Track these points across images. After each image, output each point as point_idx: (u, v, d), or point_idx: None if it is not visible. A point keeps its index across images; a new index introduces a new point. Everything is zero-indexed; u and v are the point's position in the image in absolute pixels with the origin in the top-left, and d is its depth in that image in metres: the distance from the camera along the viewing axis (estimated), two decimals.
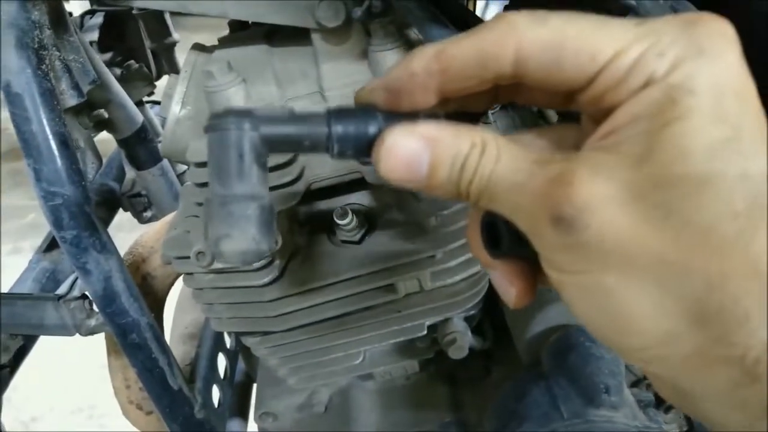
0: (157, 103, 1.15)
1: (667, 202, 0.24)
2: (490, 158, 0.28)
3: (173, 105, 0.59)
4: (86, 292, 0.64)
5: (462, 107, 0.32)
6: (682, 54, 0.25)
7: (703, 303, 0.24)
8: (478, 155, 0.28)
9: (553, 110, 0.60)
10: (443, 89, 0.29)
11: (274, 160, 0.56)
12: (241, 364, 1.07)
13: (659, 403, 0.70)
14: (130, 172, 0.99)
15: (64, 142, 0.57)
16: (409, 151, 0.28)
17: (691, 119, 0.24)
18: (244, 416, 1.05)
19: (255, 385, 0.99)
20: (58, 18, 0.62)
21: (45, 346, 0.79)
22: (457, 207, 0.57)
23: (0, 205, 3.27)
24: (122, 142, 0.92)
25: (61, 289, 0.62)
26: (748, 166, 0.23)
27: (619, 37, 0.26)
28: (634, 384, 0.71)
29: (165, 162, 0.99)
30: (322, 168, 0.59)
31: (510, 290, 0.33)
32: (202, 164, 0.57)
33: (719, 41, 0.25)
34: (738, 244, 0.23)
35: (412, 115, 0.30)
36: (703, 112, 0.24)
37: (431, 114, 0.31)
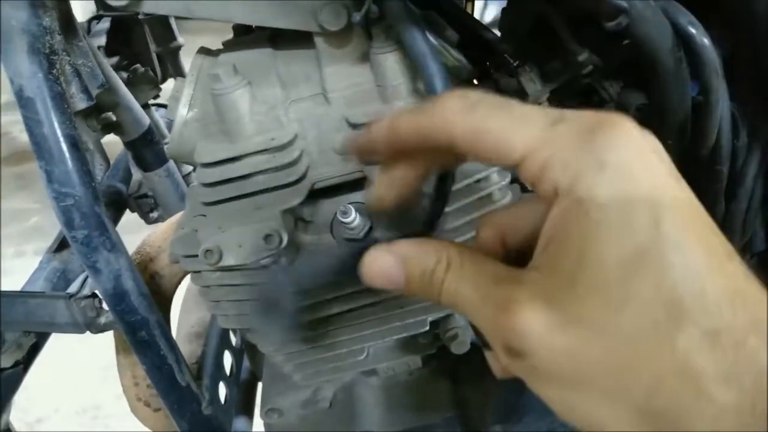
0: (163, 106, 1.16)
1: (595, 320, 0.26)
2: (454, 275, 0.31)
3: (180, 107, 0.61)
4: (96, 291, 0.65)
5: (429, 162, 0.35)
6: (583, 167, 0.26)
7: (648, 406, 0.25)
8: (443, 271, 0.32)
9: (548, 106, 0.61)
10: (399, 149, 0.34)
11: (279, 159, 0.58)
12: (246, 364, 1.08)
13: None
14: (137, 174, 1.01)
15: (75, 145, 0.59)
16: (386, 265, 0.34)
17: (600, 235, 0.26)
18: (250, 415, 1.07)
19: (260, 384, 1.01)
20: (68, 24, 0.64)
21: (48, 348, 0.80)
22: (457, 205, 0.58)
23: (1, 209, 3.29)
24: (129, 144, 0.94)
25: (72, 288, 0.63)
26: (662, 277, 0.25)
27: (529, 140, 0.28)
28: None
29: (171, 163, 1.01)
30: (325, 167, 0.61)
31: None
32: (208, 165, 0.58)
33: (621, 152, 0.26)
34: (664, 347, 0.25)
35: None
36: (611, 226, 0.26)
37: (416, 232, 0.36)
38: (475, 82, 0.70)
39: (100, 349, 2.49)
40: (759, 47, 0.50)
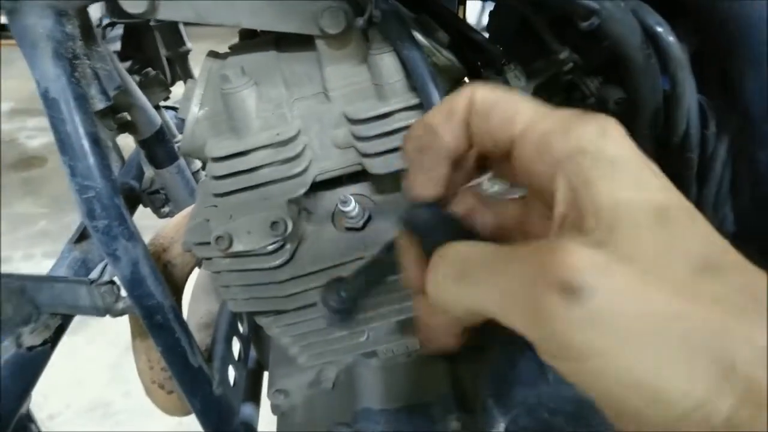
0: (173, 108, 1.21)
1: (651, 260, 0.24)
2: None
3: (192, 106, 0.66)
4: (115, 278, 0.70)
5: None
6: (586, 134, 0.28)
7: (727, 354, 0.23)
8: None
9: None
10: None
11: (283, 153, 0.62)
12: (253, 354, 1.13)
13: None
14: (149, 171, 1.06)
15: (96, 141, 0.64)
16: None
17: (625, 182, 0.27)
18: (257, 401, 1.12)
19: (266, 374, 1.05)
20: (87, 30, 0.68)
21: (59, 348, 0.83)
22: None
23: (7, 213, 3.34)
24: (142, 143, 0.99)
25: (93, 275, 0.68)
26: (692, 229, 0.26)
27: (532, 113, 0.31)
28: None
29: (181, 161, 1.06)
30: (326, 161, 0.65)
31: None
32: (218, 159, 0.63)
33: (615, 128, 0.29)
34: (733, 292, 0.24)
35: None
36: (631, 177, 0.27)
37: None
38: (466, 80, 0.75)
39: (108, 349, 2.55)
40: (721, 46, 0.54)
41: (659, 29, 0.53)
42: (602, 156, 0.27)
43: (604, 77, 0.67)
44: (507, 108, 0.32)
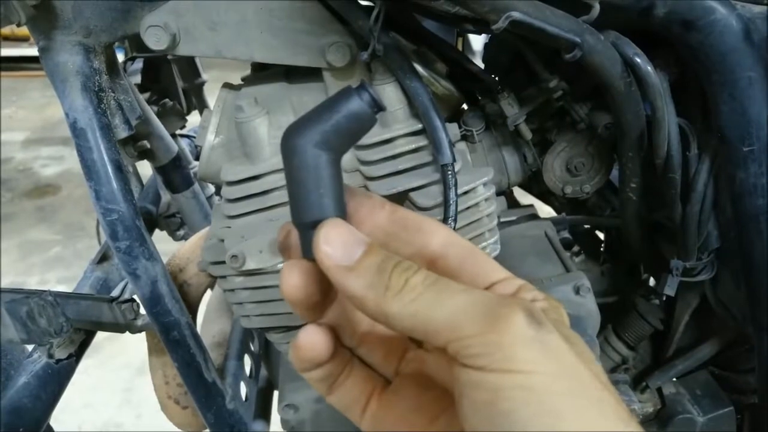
0: (188, 136, 1.27)
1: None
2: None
3: (208, 135, 0.71)
4: (134, 296, 0.74)
5: None
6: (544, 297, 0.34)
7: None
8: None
9: (526, 127, 0.71)
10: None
11: None
12: (264, 372, 1.16)
13: (635, 384, 0.79)
14: (166, 196, 1.11)
15: (119, 168, 0.69)
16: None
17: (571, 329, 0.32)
18: (267, 418, 1.15)
19: (276, 392, 1.09)
20: (112, 65, 0.74)
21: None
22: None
23: (15, 241, 3.41)
24: (160, 169, 1.04)
25: (114, 293, 0.72)
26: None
27: (506, 273, 0.35)
28: (613, 370, 0.80)
29: (196, 186, 1.11)
30: None
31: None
32: (232, 183, 0.68)
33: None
34: None
35: None
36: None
37: None
38: (465, 107, 0.80)
39: (120, 372, 2.57)
40: (696, 73, 0.59)
41: (637, 59, 0.58)
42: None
43: (594, 103, 0.72)
44: (484, 264, 0.36)
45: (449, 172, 0.62)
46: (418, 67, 0.70)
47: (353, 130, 0.36)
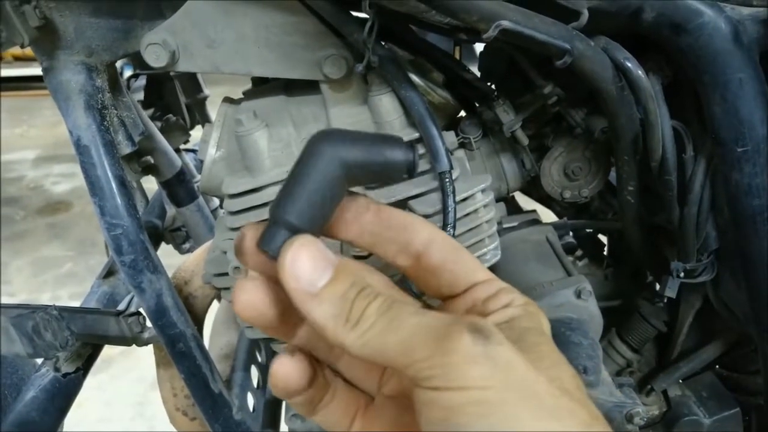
0: (192, 150, 1.29)
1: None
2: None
3: (209, 148, 0.72)
4: (140, 309, 0.75)
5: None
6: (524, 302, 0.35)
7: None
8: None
9: (522, 133, 0.71)
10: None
11: None
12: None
13: (641, 387, 0.79)
14: (171, 210, 1.13)
15: (123, 183, 0.70)
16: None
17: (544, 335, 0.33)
18: (276, 429, 1.15)
19: (284, 402, 1.09)
20: (114, 83, 0.75)
21: (84, 387, 0.88)
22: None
23: (27, 258, 3.44)
24: (164, 184, 1.06)
25: (120, 306, 0.74)
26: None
27: (488, 275, 0.36)
28: (618, 373, 0.80)
29: (201, 199, 1.12)
30: None
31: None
32: (234, 195, 0.69)
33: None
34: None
35: None
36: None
37: None
38: (463, 113, 0.81)
39: (133, 386, 2.59)
40: (688, 76, 0.59)
41: (628, 64, 0.58)
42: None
43: (590, 108, 0.72)
44: (469, 263, 0.37)
45: (447, 180, 0.63)
46: (414, 77, 0.71)
47: (378, 172, 0.36)
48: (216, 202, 1.23)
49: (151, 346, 0.83)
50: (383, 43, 0.65)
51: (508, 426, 0.27)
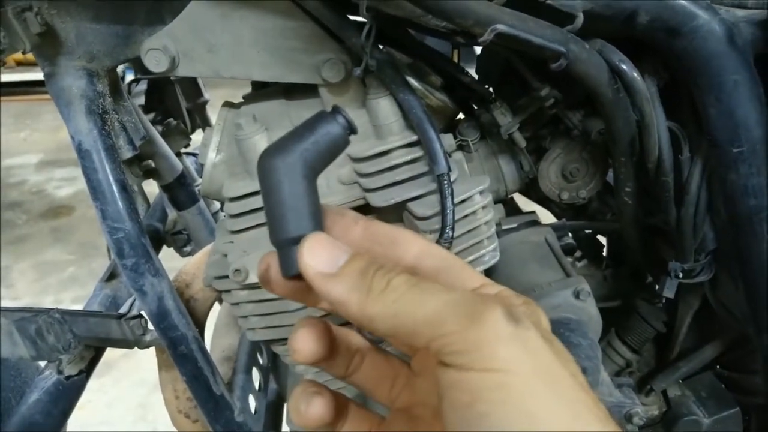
0: (192, 154, 1.30)
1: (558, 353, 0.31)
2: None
3: (210, 152, 0.72)
4: (142, 312, 0.76)
5: None
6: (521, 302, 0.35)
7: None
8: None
9: (519, 135, 0.72)
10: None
11: None
12: (273, 386, 1.17)
13: (640, 387, 0.79)
14: (172, 213, 1.14)
15: (124, 187, 0.71)
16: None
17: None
18: (278, 431, 1.16)
19: (286, 405, 1.10)
20: (115, 87, 0.76)
21: (87, 389, 0.89)
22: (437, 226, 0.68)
23: (30, 261, 3.46)
24: (165, 188, 1.07)
25: (122, 309, 0.74)
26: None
27: (483, 280, 0.37)
28: (617, 373, 0.80)
29: (201, 202, 1.13)
30: (334, 197, 0.71)
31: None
32: (234, 199, 0.69)
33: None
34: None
35: None
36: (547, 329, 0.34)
37: None
38: (461, 115, 0.81)
39: (134, 390, 2.59)
40: (685, 79, 0.59)
41: (623, 66, 0.59)
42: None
43: (587, 110, 0.73)
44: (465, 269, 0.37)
45: (445, 182, 0.63)
46: (412, 81, 0.71)
47: (328, 150, 0.37)
48: (217, 205, 1.24)
49: (153, 349, 0.84)
50: (381, 47, 0.66)
51: (528, 416, 0.27)
